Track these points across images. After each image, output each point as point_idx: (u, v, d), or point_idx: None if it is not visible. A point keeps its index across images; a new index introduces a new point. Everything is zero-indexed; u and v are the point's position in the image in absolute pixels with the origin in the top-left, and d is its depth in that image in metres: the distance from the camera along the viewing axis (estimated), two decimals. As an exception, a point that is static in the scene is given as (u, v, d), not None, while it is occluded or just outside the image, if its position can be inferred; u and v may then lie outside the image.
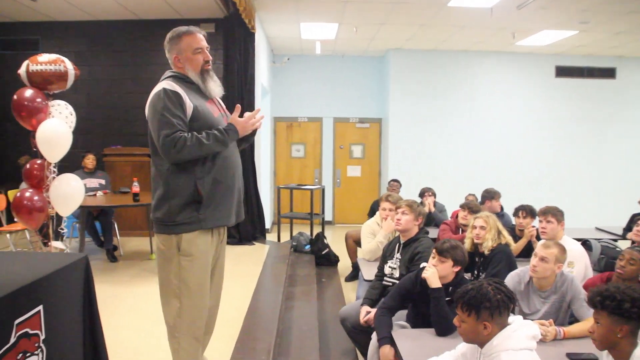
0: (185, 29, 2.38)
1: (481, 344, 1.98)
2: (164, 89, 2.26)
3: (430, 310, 2.75)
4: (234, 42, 6.63)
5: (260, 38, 7.27)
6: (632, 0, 6.07)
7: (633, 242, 4.57)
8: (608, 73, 9.42)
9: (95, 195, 5.68)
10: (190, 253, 2.31)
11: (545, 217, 3.80)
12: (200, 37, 2.39)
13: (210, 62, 2.43)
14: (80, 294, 2.20)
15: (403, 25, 7.46)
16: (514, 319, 2.00)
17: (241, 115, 2.42)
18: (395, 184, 6.83)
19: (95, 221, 5.77)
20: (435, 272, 2.80)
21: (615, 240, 5.15)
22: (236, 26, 6.53)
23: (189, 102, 2.28)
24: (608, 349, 1.99)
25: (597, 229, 6.08)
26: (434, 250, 2.90)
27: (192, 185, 2.27)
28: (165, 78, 2.36)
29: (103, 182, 6.01)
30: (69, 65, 4.25)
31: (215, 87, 2.43)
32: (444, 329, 2.68)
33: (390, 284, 3.51)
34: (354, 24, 7.30)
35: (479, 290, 1.94)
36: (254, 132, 2.55)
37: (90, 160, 5.97)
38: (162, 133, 2.21)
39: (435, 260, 2.85)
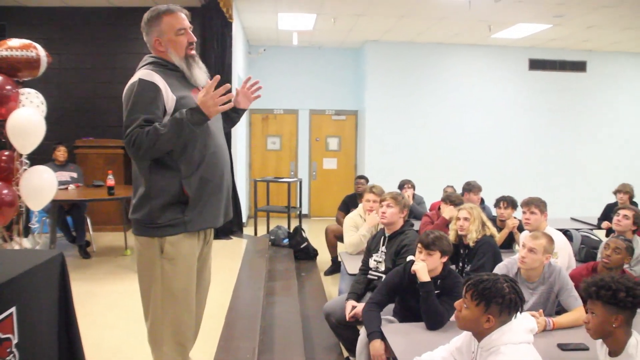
0: (165, 8, 2.16)
1: (477, 336, 1.95)
2: (139, 80, 2.05)
3: (419, 304, 2.71)
4: (210, 31, 6.45)
5: (237, 28, 7.13)
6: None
7: (610, 231, 4.65)
8: (579, 66, 9.58)
9: (67, 188, 5.47)
10: (173, 257, 2.11)
11: (528, 208, 3.81)
12: (182, 17, 2.18)
13: (194, 44, 2.22)
14: (56, 294, 2.09)
15: (381, 17, 7.40)
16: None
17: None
18: (362, 181, 6.48)
19: (67, 216, 5.57)
20: (424, 266, 2.76)
21: (591, 230, 5.24)
22: (213, 15, 6.35)
23: (171, 95, 2.07)
24: (603, 338, 1.99)
25: (573, 219, 6.17)
26: (419, 245, 2.84)
27: (177, 184, 2.08)
28: (145, 65, 2.15)
29: (75, 175, 5.80)
30: (41, 52, 4.05)
31: (201, 73, 2.22)
32: (435, 323, 2.65)
33: (376, 277, 3.47)
34: (332, 14, 7.20)
35: (495, 284, 1.89)
36: (239, 110, 2.39)
37: (61, 153, 5.76)
38: (125, 130, 2.02)
39: (423, 255, 2.80)
